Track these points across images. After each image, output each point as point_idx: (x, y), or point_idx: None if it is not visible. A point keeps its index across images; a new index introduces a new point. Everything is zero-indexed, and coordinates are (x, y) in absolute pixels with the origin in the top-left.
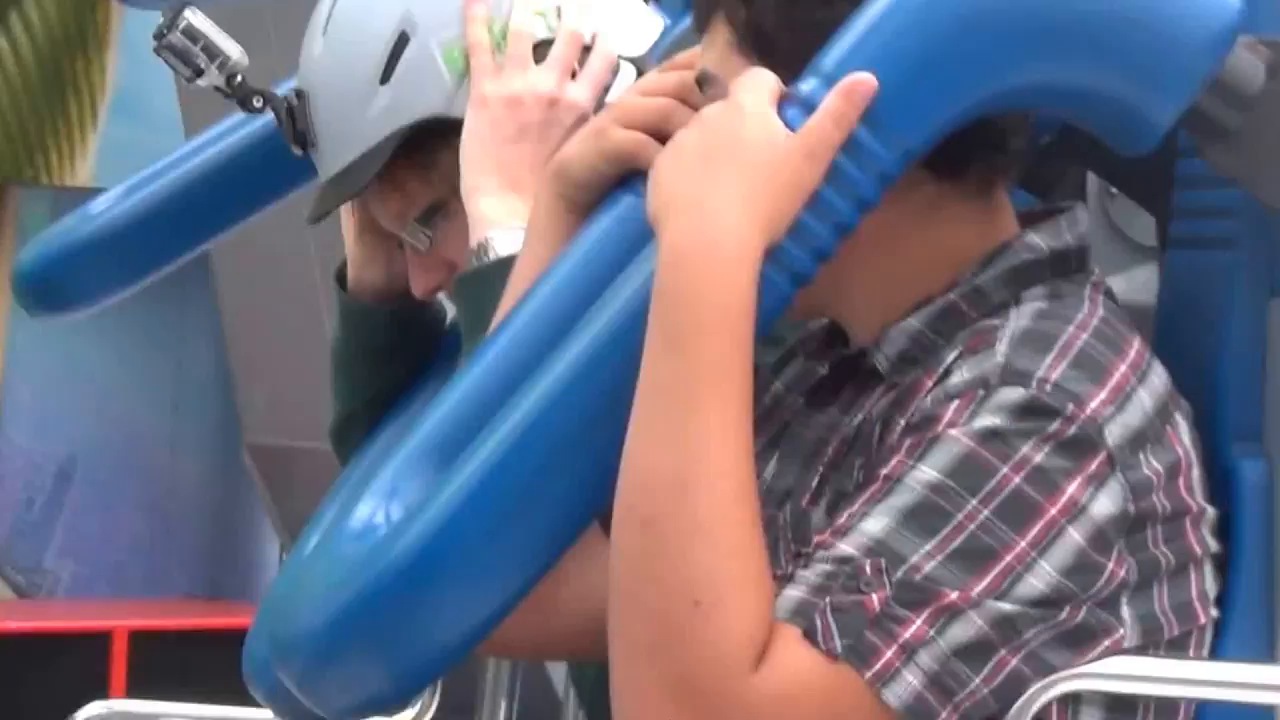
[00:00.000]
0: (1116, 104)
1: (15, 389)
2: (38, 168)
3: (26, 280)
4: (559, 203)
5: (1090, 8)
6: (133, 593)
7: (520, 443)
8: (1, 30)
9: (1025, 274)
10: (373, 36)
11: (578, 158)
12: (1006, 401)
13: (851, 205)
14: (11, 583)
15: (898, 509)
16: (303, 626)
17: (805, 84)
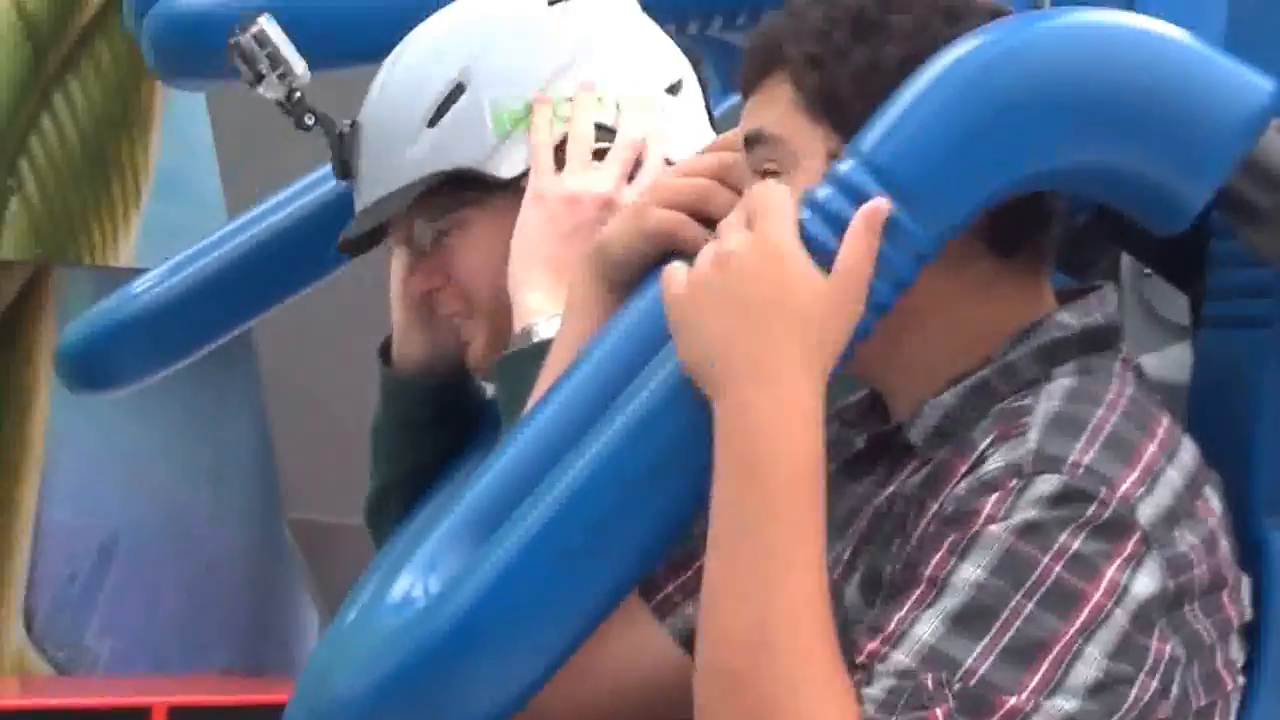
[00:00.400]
0: (1150, 185)
1: (58, 466)
2: (81, 248)
3: (69, 359)
4: (599, 282)
5: (1125, 91)
6: (173, 668)
7: (557, 517)
8: (46, 111)
9: (1056, 351)
10: (431, 80)
11: (617, 237)
12: (1042, 493)
13: (890, 286)
14: (52, 659)
15: (946, 612)
16: (341, 696)
17: (823, 190)
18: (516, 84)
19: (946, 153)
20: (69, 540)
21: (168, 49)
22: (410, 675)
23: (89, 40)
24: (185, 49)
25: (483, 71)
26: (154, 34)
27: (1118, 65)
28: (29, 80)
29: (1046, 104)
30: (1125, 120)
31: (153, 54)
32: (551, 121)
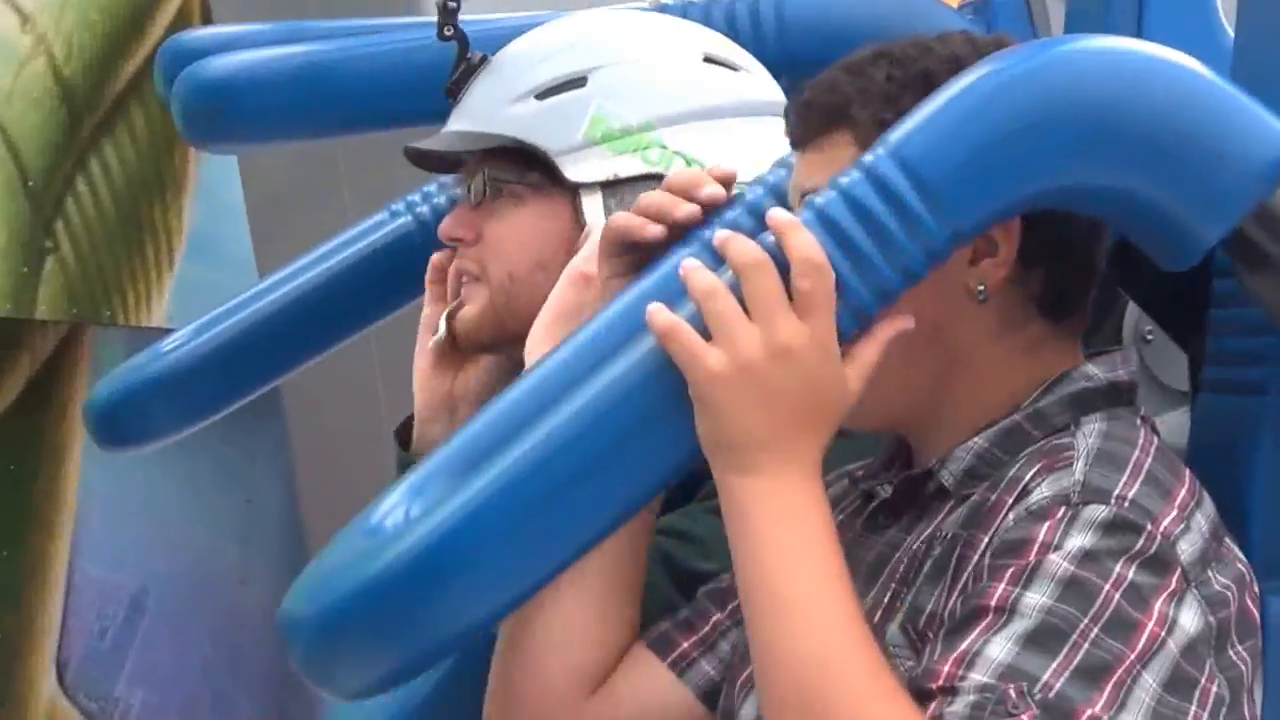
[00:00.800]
0: (1164, 217)
1: (89, 521)
2: (115, 308)
3: (98, 415)
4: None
5: (1154, 121)
6: (202, 718)
7: (540, 458)
8: (82, 174)
9: (1084, 401)
10: (563, 59)
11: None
12: (1092, 519)
13: (900, 276)
14: (84, 709)
15: (1018, 634)
16: (307, 609)
17: (849, 178)
18: (628, 106)
19: (972, 154)
20: (100, 594)
21: (195, 113)
22: (382, 588)
23: (124, 106)
24: (212, 113)
25: (608, 78)
26: (182, 99)
27: (1150, 94)
28: (65, 144)
29: (1074, 121)
30: (1150, 149)
31: (181, 119)
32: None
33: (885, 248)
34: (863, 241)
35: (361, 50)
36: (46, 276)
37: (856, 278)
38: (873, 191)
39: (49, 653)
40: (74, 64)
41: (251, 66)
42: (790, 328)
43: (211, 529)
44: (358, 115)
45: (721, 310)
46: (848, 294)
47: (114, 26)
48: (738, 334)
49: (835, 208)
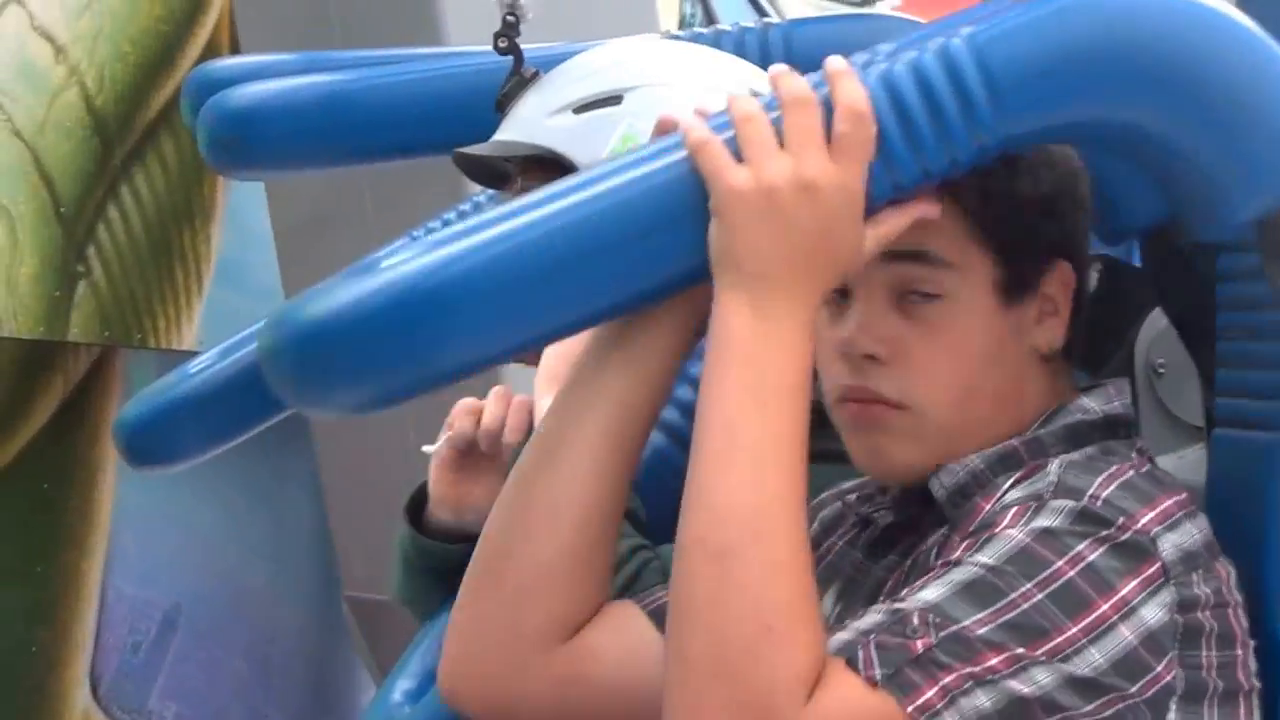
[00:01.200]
0: (1205, 176)
1: (122, 539)
2: (145, 331)
3: (128, 435)
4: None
5: (1217, 76)
6: None
7: (549, 227)
8: (113, 202)
9: (1080, 433)
10: (603, 76)
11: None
12: (1060, 508)
13: (946, 160)
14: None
15: (954, 582)
16: (292, 318)
17: (923, 52)
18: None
19: (1044, 62)
20: (133, 610)
21: (219, 141)
22: (373, 310)
23: (154, 135)
24: (236, 141)
25: (643, 98)
26: (207, 127)
27: (1221, 53)
28: (97, 172)
29: (1144, 56)
30: (1208, 103)
31: (206, 146)
32: None
33: (940, 128)
34: (919, 115)
35: (383, 80)
36: (79, 300)
37: (905, 148)
38: (941, 70)
39: (83, 667)
40: (106, 94)
41: (275, 95)
42: (820, 164)
43: (243, 546)
44: (379, 144)
45: (756, 134)
46: (894, 162)
47: (145, 58)
48: (768, 158)
49: (902, 76)
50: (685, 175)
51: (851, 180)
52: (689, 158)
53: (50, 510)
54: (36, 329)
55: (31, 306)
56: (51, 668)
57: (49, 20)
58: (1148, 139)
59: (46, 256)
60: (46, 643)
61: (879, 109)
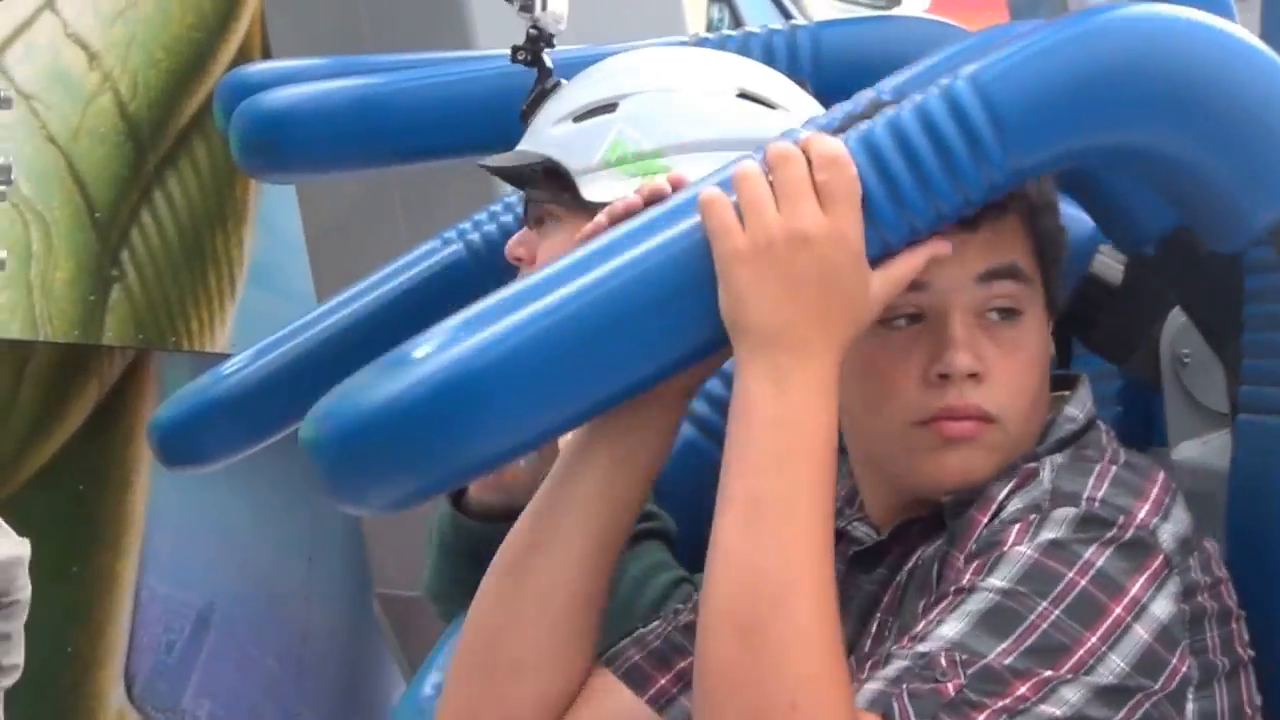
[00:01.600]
0: (1219, 191)
1: (157, 540)
2: (179, 334)
3: (162, 435)
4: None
5: (1220, 92)
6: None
7: (572, 308)
8: (147, 206)
9: (1069, 441)
10: (603, 85)
11: None
12: (1063, 518)
13: (959, 199)
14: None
15: (972, 614)
16: (328, 423)
17: (927, 94)
18: (645, 132)
19: (1047, 93)
20: (167, 610)
21: (252, 145)
22: (404, 407)
23: (187, 140)
24: (268, 145)
25: (635, 104)
26: (239, 131)
27: (1223, 68)
28: (131, 177)
29: (1145, 78)
30: (1215, 120)
31: (238, 150)
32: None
33: (949, 169)
34: (928, 158)
35: (415, 83)
36: (113, 304)
37: (917, 192)
38: (946, 112)
39: (118, 667)
40: (139, 100)
41: (306, 99)
42: (810, 215)
43: (277, 547)
44: (411, 147)
45: (752, 192)
46: (906, 206)
47: (177, 64)
48: (763, 215)
49: (907, 121)
50: (700, 241)
51: (845, 225)
52: (700, 224)
53: (86, 511)
54: (71, 333)
55: (66, 311)
56: (87, 668)
57: (82, 27)
58: (1157, 160)
59: (81, 261)
60: (82, 643)
61: (885, 154)
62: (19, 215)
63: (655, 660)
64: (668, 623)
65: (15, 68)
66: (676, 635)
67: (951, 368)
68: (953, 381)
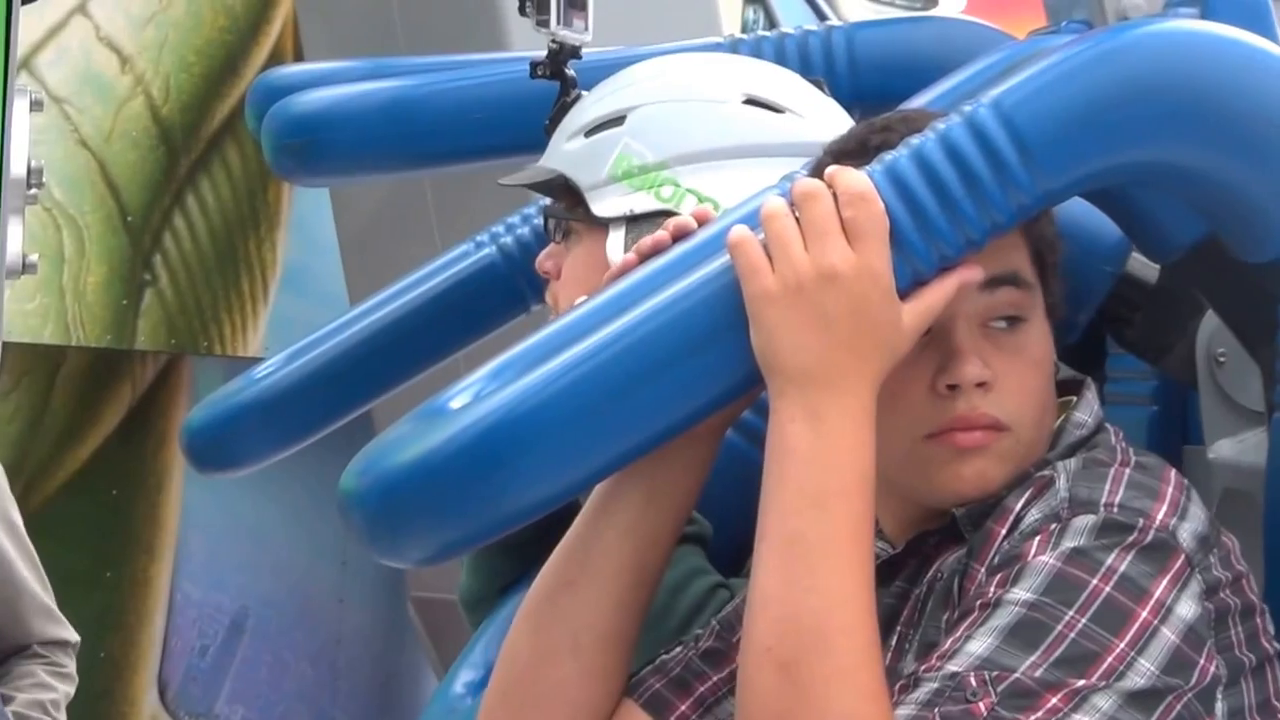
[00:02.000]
0: (1247, 203)
1: (190, 544)
2: (212, 339)
3: (193, 440)
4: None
5: (1245, 104)
6: None
7: (607, 355)
8: (179, 210)
9: (1078, 446)
10: (612, 98)
11: None
12: (1083, 526)
13: (987, 225)
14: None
15: (999, 628)
16: (366, 479)
17: (950, 122)
18: (653, 142)
19: (1071, 114)
20: (201, 614)
21: (284, 148)
22: (442, 461)
23: (220, 144)
24: (300, 148)
25: (641, 116)
26: (271, 134)
27: (1247, 80)
28: (163, 181)
29: (1171, 95)
30: (1241, 133)
31: (270, 153)
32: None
33: (976, 196)
34: (955, 187)
35: (447, 85)
36: (145, 308)
37: (945, 220)
38: (970, 139)
39: (151, 672)
40: (171, 104)
41: (339, 102)
42: (838, 251)
43: (310, 551)
44: (443, 150)
45: (780, 231)
46: (935, 236)
47: (210, 68)
48: (791, 253)
49: (931, 150)
50: (730, 283)
51: (873, 260)
52: (730, 265)
53: (119, 516)
54: (104, 338)
55: (99, 315)
56: (120, 673)
57: (114, 31)
58: (1187, 175)
59: (113, 265)
60: (115, 648)
61: (912, 185)
62: (51, 219)
63: (675, 687)
64: (689, 649)
65: (47, 71)
66: (696, 661)
67: (960, 378)
68: (962, 392)
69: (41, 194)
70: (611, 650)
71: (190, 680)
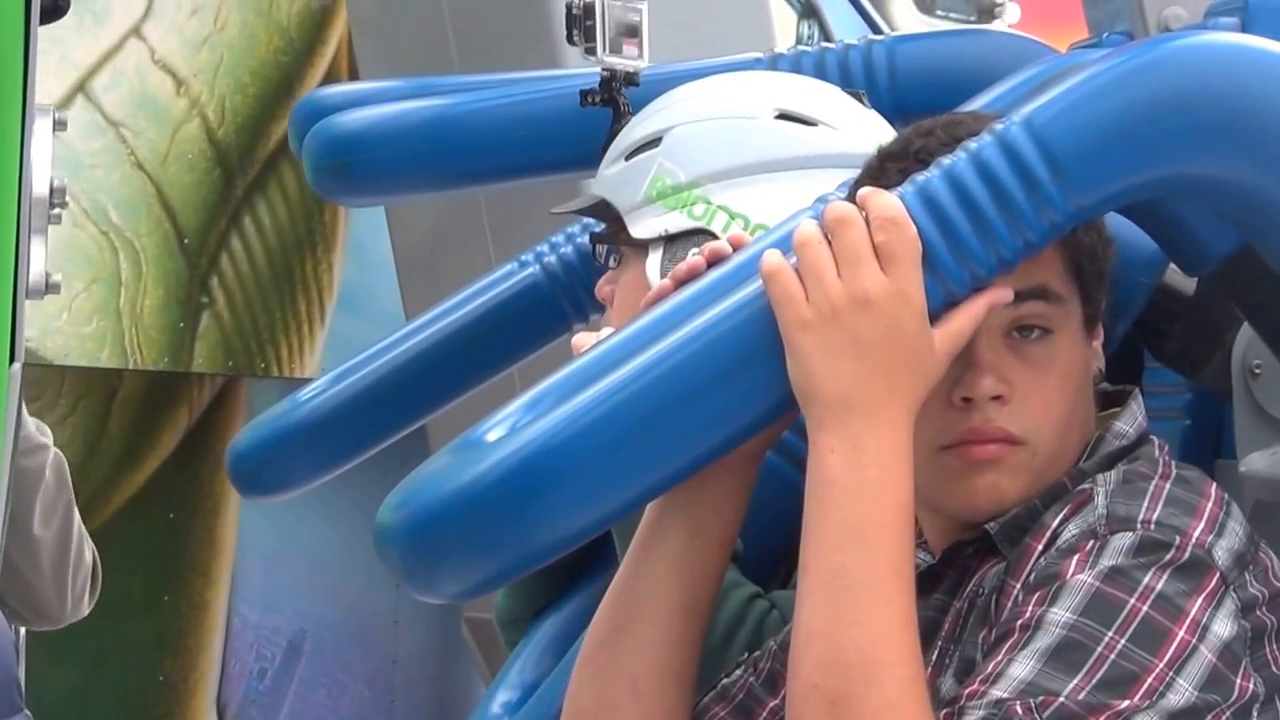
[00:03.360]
0: (1272, 210)
1: (247, 566)
2: (269, 360)
3: (239, 464)
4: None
5: (1274, 119)
6: None
7: (641, 384)
8: (235, 231)
9: (1118, 457)
10: (651, 121)
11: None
12: (1120, 545)
13: (1020, 244)
14: None
15: (1040, 651)
16: (401, 512)
17: (982, 141)
18: (686, 161)
19: (1103, 131)
20: (258, 637)
21: (324, 168)
22: (478, 494)
23: (275, 165)
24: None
25: (676, 137)
26: (312, 154)
27: (1275, 90)
28: (219, 203)
29: (1201, 109)
30: (1273, 144)
31: (311, 173)
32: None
33: (1008, 215)
34: (987, 206)
35: (488, 103)
36: (203, 331)
37: (977, 240)
38: (1001, 158)
39: (210, 695)
40: (227, 126)
41: (379, 121)
42: (871, 277)
43: (366, 573)
44: (486, 168)
45: (813, 258)
46: (968, 256)
47: (265, 89)
48: (824, 281)
49: (963, 169)
50: (764, 309)
51: (906, 285)
52: (764, 291)
53: (176, 539)
54: (161, 361)
55: (156, 339)
56: (179, 697)
57: (169, 53)
58: (1220, 187)
59: (170, 288)
60: (174, 671)
61: (944, 206)
62: (108, 242)
63: (739, 714)
64: (748, 673)
65: (103, 95)
66: (757, 687)
67: (974, 391)
68: (976, 404)
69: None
70: (671, 690)
71: (249, 703)
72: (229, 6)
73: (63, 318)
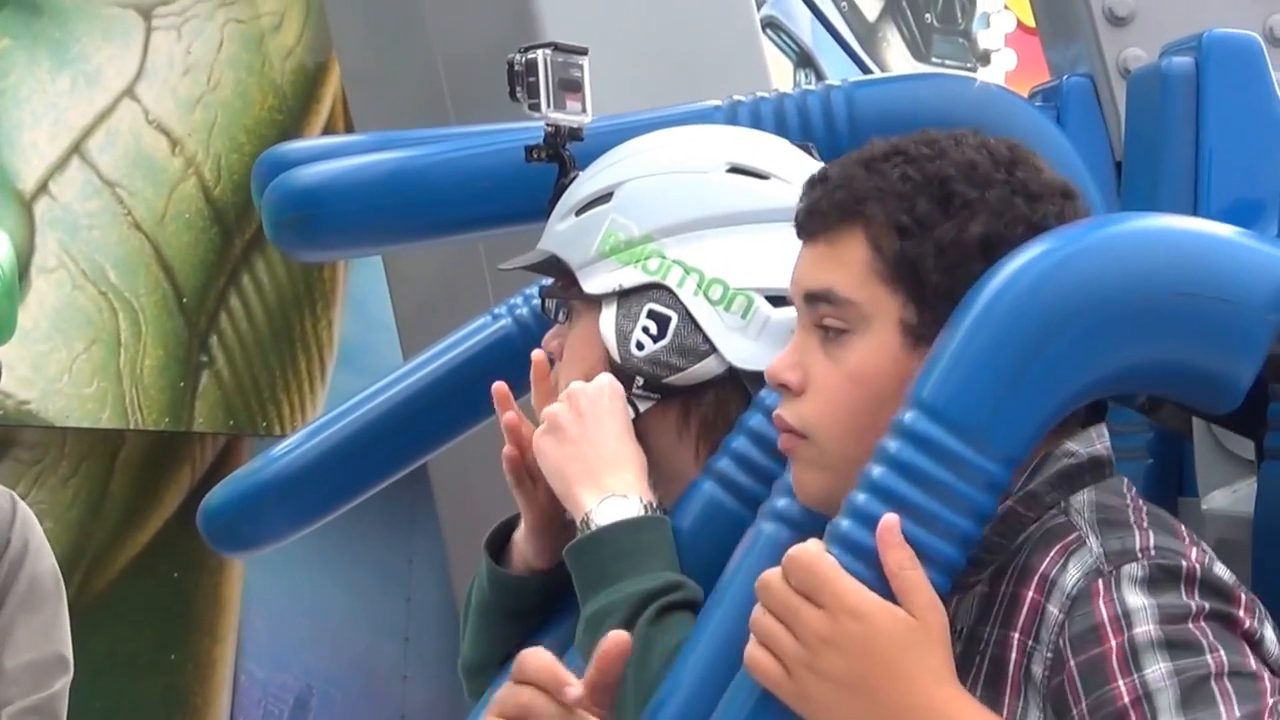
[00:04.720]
0: (1199, 373)
1: (253, 623)
2: (270, 419)
3: (211, 520)
4: None
5: (1153, 290)
6: None
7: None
8: (234, 290)
9: (1070, 478)
10: (601, 176)
11: None
12: (1134, 576)
13: (974, 520)
14: None
15: (1173, 705)
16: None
17: (892, 443)
18: (638, 216)
19: (1000, 383)
20: (265, 693)
21: (283, 222)
22: None
23: None
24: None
25: (627, 191)
26: (270, 208)
27: (1149, 266)
28: (217, 262)
29: (1091, 316)
30: (1161, 317)
31: (270, 227)
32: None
33: (950, 503)
34: (923, 502)
35: (449, 156)
36: (203, 390)
37: (939, 541)
38: (918, 452)
39: None
40: (223, 185)
41: (337, 175)
42: (813, 620)
43: (372, 629)
44: (447, 220)
45: (765, 631)
46: (935, 556)
47: (261, 147)
48: (784, 645)
49: (885, 479)
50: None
51: (847, 606)
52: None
53: (182, 598)
54: (162, 421)
55: (156, 399)
56: None
57: (163, 114)
58: (1135, 372)
59: (170, 348)
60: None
61: (901, 507)
62: (107, 303)
63: None
64: None
65: (99, 156)
66: None
67: (767, 378)
68: (783, 395)
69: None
70: None
71: None
72: (221, 66)
73: (63, 379)
